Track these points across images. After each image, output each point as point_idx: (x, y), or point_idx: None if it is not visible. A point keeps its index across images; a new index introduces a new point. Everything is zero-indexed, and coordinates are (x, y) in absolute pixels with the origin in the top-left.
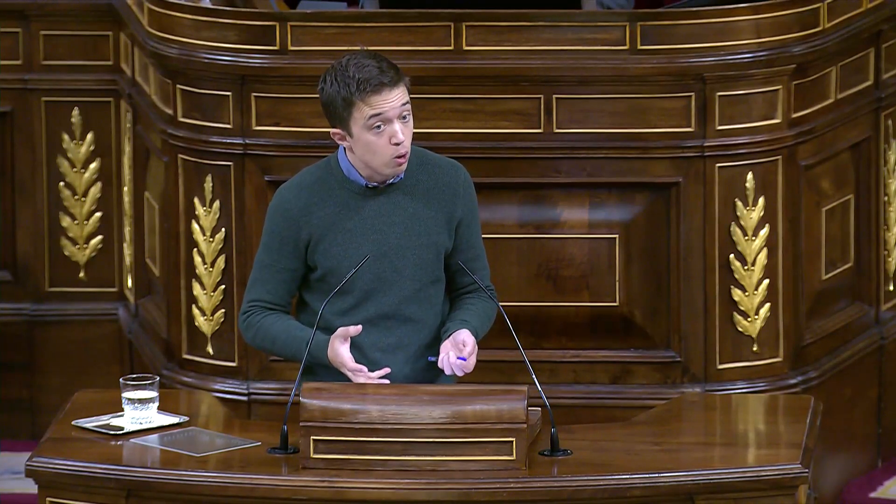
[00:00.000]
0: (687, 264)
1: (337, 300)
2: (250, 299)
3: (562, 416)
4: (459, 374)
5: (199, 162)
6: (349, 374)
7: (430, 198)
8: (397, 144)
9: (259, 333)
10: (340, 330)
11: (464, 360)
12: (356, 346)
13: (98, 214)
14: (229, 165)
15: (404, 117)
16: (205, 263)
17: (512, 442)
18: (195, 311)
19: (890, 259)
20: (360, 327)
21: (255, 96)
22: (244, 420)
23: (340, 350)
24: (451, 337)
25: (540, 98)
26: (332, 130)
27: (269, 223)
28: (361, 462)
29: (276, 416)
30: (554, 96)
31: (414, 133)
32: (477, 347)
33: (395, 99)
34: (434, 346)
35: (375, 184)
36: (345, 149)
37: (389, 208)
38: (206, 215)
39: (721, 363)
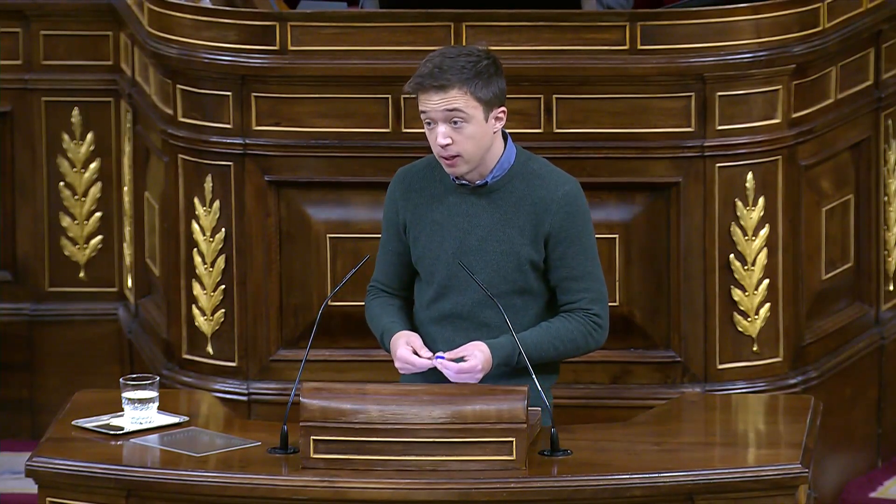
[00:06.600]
0: (687, 264)
1: (426, 290)
2: (371, 279)
3: (562, 416)
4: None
5: (199, 162)
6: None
7: (520, 208)
8: (441, 146)
9: (367, 315)
10: (415, 340)
11: (441, 358)
12: (431, 340)
13: (98, 214)
14: (229, 165)
15: (455, 122)
16: (205, 263)
17: (512, 442)
18: (195, 311)
19: (890, 259)
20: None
21: (255, 96)
22: (244, 420)
23: (400, 350)
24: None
25: (540, 98)
26: None
27: (384, 204)
28: (361, 462)
29: (276, 416)
30: (554, 96)
31: (413, 133)
32: (476, 362)
33: (439, 102)
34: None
35: (463, 182)
36: None
37: (477, 210)
38: (206, 215)
39: (721, 363)
